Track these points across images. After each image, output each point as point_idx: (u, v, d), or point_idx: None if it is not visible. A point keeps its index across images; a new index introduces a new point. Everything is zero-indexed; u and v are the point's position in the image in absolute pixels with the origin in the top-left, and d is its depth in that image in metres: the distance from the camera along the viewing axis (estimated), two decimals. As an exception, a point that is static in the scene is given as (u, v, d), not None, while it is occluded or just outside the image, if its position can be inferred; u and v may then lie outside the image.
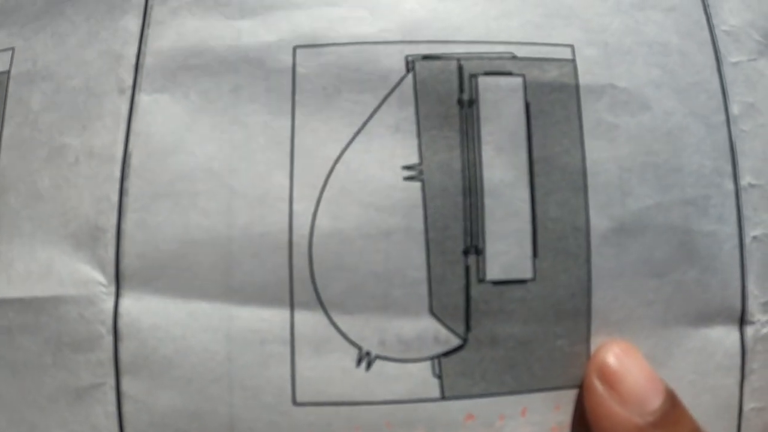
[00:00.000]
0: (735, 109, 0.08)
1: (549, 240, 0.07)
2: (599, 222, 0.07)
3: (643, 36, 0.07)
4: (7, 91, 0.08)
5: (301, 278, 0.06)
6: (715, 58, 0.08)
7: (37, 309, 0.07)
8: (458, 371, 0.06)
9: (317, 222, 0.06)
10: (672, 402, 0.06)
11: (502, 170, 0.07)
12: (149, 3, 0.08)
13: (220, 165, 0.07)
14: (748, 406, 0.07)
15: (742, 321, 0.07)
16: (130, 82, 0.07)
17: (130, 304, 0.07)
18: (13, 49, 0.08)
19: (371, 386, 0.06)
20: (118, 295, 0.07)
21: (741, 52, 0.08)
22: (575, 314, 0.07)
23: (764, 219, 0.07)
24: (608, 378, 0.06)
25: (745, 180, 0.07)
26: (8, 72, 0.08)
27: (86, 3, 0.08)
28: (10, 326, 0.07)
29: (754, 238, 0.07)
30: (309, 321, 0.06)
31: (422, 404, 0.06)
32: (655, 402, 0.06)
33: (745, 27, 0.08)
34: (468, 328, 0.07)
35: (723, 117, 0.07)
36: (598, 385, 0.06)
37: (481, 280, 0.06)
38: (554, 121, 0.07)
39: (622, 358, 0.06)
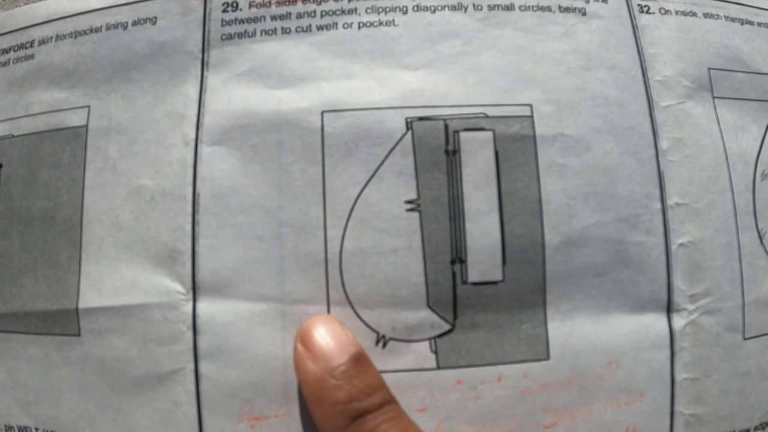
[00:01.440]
0: (664, 144, 0.11)
1: (514, 252, 0.10)
2: (552, 237, 0.10)
3: (588, 92, 0.11)
4: (86, 141, 0.12)
5: (334, 284, 0.10)
6: (648, 104, 0.11)
7: (125, 314, 0.10)
8: (449, 348, 0.10)
9: (345, 244, 0.10)
10: (356, 360, 0.09)
11: (479, 202, 0.10)
12: (204, 73, 0.11)
13: (270, 203, 0.10)
14: (680, 376, 0.10)
15: (669, 309, 0.11)
16: (192, 136, 0.11)
17: (205, 306, 0.10)
18: (88, 107, 0.11)
19: (387, 360, 0.10)
20: (195, 301, 0.10)
21: (671, 97, 0.11)
22: (534, 306, 0.10)
23: (689, 230, 0.11)
24: (305, 340, 0.09)
25: (672, 200, 0.11)
26: (86, 126, 0.12)
27: (150, 71, 0.11)
28: (101, 329, 0.10)
29: (681, 245, 0.11)
30: (341, 314, 0.10)
31: (423, 372, 0.10)
32: (340, 359, 0.09)
33: (676, 76, 0.11)
34: (455, 316, 0.10)
35: (653, 152, 0.11)
36: (299, 346, 0.09)
37: (464, 282, 0.10)
38: (517, 163, 0.10)
39: (318, 326, 0.09)
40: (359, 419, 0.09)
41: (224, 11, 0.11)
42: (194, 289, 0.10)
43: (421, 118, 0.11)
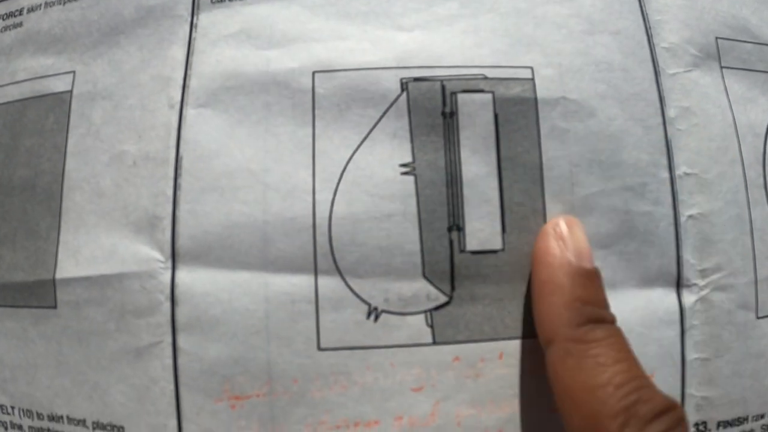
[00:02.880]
0: (671, 112, 0.10)
1: (514, 220, 0.09)
2: (554, 205, 0.09)
3: (591, 57, 0.10)
4: (70, 107, 0.11)
5: (323, 252, 0.09)
6: (654, 71, 0.10)
7: (102, 284, 0.10)
8: (446, 322, 0.09)
9: (335, 208, 0.09)
10: (599, 273, 0.08)
11: (477, 167, 0.09)
12: (192, 36, 0.11)
13: (256, 165, 0.09)
14: (691, 356, 0.10)
15: (679, 284, 0.10)
16: (178, 99, 0.10)
17: (184, 275, 0.09)
18: (74, 72, 0.11)
19: (378, 334, 0.09)
20: (174, 269, 0.09)
21: (678, 65, 0.10)
22: None
23: (699, 201, 0.10)
24: (572, 228, 0.09)
25: (681, 170, 0.10)
26: (71, 92, 0.11)
27: (138, 35, 0.11)
28: (78, 300, 0.10)
29: (690, 216, 0.10)
30: (329, 284, 0.09)
31: (418, 348, 0.09)
32: (589, 264, 0.08)
33: (683, 43, 0.10)
34: (453, 288, 0.09)
35: (660, 120, 0.10)
36: (550, 231, 0.09)
37: (462, 251, 0.09)
38: (517, 127, 0.10)
39: (579, 226, 0.09)
40: (592, 324, 0.08)
41: (215, -26, 0.10)
42: (173, 257, 0.10)
43: (416, 79, 0.10)
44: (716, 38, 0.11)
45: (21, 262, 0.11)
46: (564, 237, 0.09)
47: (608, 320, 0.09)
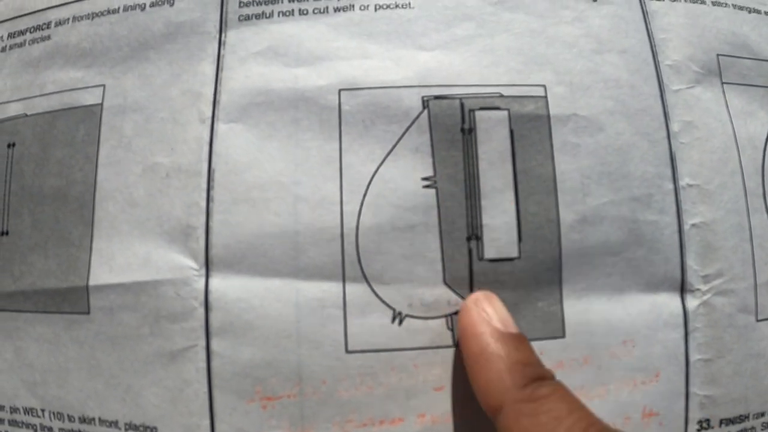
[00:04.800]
0: (675, 126, 0.11)
1: (529, 229, 0.10)
2: (566, 215, 0.10)
3: (600, 75, 0.11)
4: (101, 119, 0.12)
5: (350, 260, 0.10)
6: (659, 87, 0.11)
7: (137, 291, 0.10)
8: None
9: (361, 219, 0.10)
10: (526, 337, 0.09)
11: (494, 179, 0.10)
12: (221, 52, 0.11)
13: (286, 178, 0.10)
14: (694, 357, 0.10)
15: (683, 289, 0.11)
16: (209, 114, 0.11)
17: (218, 282, 0.10)
18: (104, 86, 0.11)
19: (402, 337, 0.10)
20: (208, 277, 0.10)
21: (681, 81, 0.11)
22: (550, 283, 0.10)
23: (701, 210, 0.11)
24: (491, 301, 0.09)
25: (684, 181, 0.11)
26: (101, 104, 0.12)
27: (167, 51, 0.11)
28: (111, 306, 0.10)
29: (693, 225, 0.11)
30: (357, 291, 0.10)
31: (440, 350, 0.10)
32: (515, 329, 0.09)
33: (686, 61, 0.11)
34: (472, 293, 0.10)
35: (664, 133, 0.11)
36: (483, 303, 0.09)
37: (481, 259, 0.10)
38: (531, 142, 0.10)
39: (489, 297, 0.09)
40: (536, 382, 0.09)
41: (242, -7, 0.11)
42: (207, 265, 0.10)
43: (437, 97, 0.11)
44: (717, 55, 0.12)
45: (53, 269, 0.11)
46: (485, 309, 0.09)
47: (549, 376, 0.09)
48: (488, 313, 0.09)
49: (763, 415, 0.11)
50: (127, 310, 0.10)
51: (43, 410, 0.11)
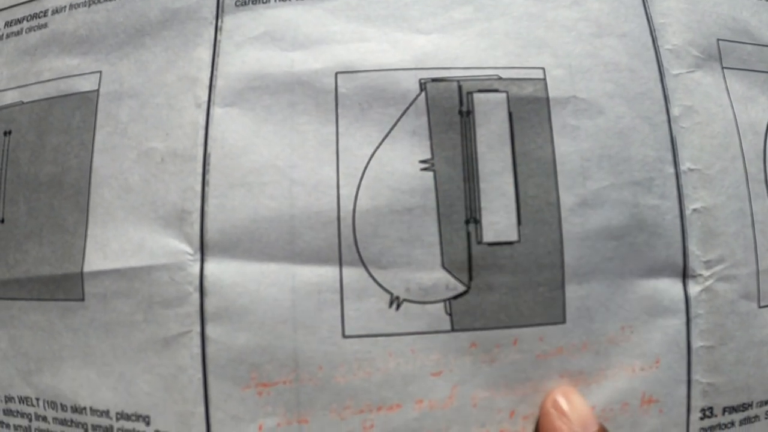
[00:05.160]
0: (676, 111, 0.11)
1: (529, 212, 0.10)
2: (567, 198, 0.10)
3: (599, 58, 0.11)
4: (97, 106, 0.12)
5: (347, 244, 0.10)
6: (659, 71, 0.11)
7: (131, 277, 0.10)
8: (464, 310, 0.10)
9: (358, 202, 0.10)
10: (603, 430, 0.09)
11: (493, 162, 0.10)
12: (218, 38, 0.11)
13: (282, 162, 0.10)
14: (696, 344, 0.10)
15: (685, 275, 0.10)
16: (205, 98, 0.11)
17: (213, 267, 0.10)
18: (100, 72, 0.11)
19: (400, 322, 0.10)
20: (203, 261, 0.10)
21: (681, 66, 0.11)
22: (551, 267, 0.10)
23: (702, 195, 0.11)
24: (560, 410, 0.09)
25: (685, 165, 0.11)
26: (97, 91, 0.12)
27: (164, 37, 0.11)
28: (105, 293, 0.10)
29: (695, 210, 0.10)
30: (353, 275, 0.10)
31: (437, 335, 0.10)
32: (594, 427, 0.09)
33: (686, 45, 0.11)
34: (470, 278, 0.10)
35: (665, 117, 0.11)
36: (551, 410, 0.09)
37: (479, 242, 0.10)
38: (530, 125, 0.10)
39: (574, 392, 0.09)
40: None
41: (239, -22, 0.11)
42: (202, 250, 0.10)
43: (434, 80, 0.10)
44: (717, 40, 0.12)
45: (47, 256, 0.11)
46: (565, 412, 0.09)
47: None
48: (568, 416, 0.09)
49: (766, 403, 0.11)
50: (121, 296, 0.10)
51: (37, 399, 0.11)
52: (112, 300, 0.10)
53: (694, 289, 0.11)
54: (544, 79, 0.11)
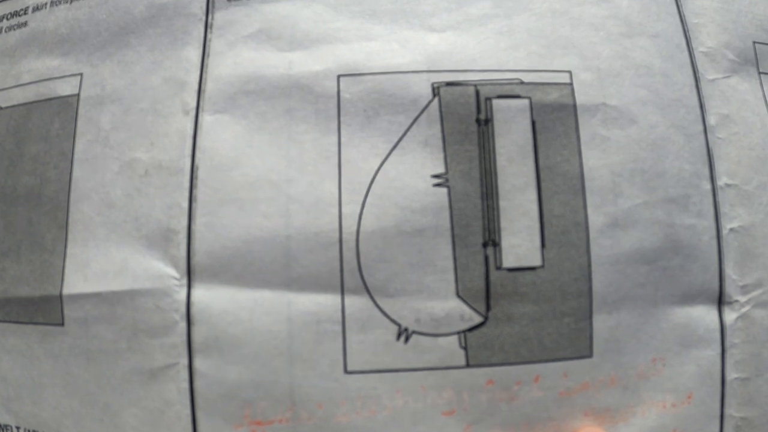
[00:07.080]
0: (712, 120, 0.09)
1: (554, 233, 0.08)
2: (596, 218, 0.08)
3: (630, 60, 0.09)
4: (77, 111, 0.10)
5: (350, 269, 0.08)
6: (694, 76, 0.09)
7: (113, 302, 0.09)
8: (480, 344, 0.08)
9: (362, 222, 0.08)
10: None
11: (514, 177, 0.08)
12: (208, 36, 0.10)
13: (278, 176, 0.08)
14: (731, 376, 0.09)
15: (721, 301, 0.09)
16: (193, 104, 0.09)
17: (201, 293, 0.08)
18: (81, 74, 0.10)
19: (409, 356, 0.08)
20: (190, 287, 0.08)
21: (717, 71, 0.09)
22: (578, 295, 0.08)
23: (740, 213, 0.09)
24: None
25: (722, 180, 0.09)
26: (78, 95, 0.10)
27: (149, 35, 0.10)
28: (86, 318, 0.09)
29: (732, 230, 0.09)
30: (357, 303, 0.08)
31: (451, 371, 0.08)
32: None
33: (721, 48, 0.10)
34: (488, 307, 0.08)
35: (701, 127, 0.09)
36: None
37: (499, 268, 0.08)
38: (556, 135, 0.09)
39: None
40: None
41: (231, -31, 0.09)
42: (189, 274, 0.09)
43: (449, 84, 0.09)
44: (754, 42, 0.10)
45: (26, 276, 0.10)
46: None
47: None
48: None
49: (801, 437, 0.09)
50: (103, 322, 0.09)
51: (18, 428, 0.09)
52: (93, 325, 0.09)
53: (730, 316, 0.09)
54: (571, 83, 0.09)
